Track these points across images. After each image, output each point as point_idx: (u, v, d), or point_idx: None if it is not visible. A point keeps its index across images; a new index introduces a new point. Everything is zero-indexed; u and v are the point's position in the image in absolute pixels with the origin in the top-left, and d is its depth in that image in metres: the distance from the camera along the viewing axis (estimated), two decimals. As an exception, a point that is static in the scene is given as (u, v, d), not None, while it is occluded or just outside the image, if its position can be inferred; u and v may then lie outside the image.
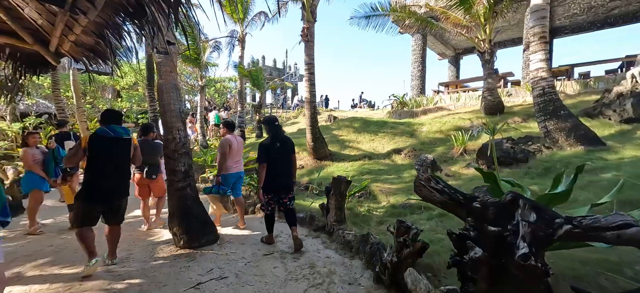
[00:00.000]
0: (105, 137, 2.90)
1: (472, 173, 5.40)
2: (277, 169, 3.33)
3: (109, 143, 2.91)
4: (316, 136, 7.54)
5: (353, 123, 9.87)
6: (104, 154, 2.89)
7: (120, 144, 2.98)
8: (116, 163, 2.96)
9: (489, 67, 8.39)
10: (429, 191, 1.83)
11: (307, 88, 7.33)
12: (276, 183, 3.35)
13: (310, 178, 6.74)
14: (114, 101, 15.91)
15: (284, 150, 3.41)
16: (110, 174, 2.90)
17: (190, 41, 10.39)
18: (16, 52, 3.70)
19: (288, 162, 3.46)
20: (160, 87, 3.59)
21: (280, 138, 3.44)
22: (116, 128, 2.97)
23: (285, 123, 17.95)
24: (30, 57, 3.78)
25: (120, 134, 2.98)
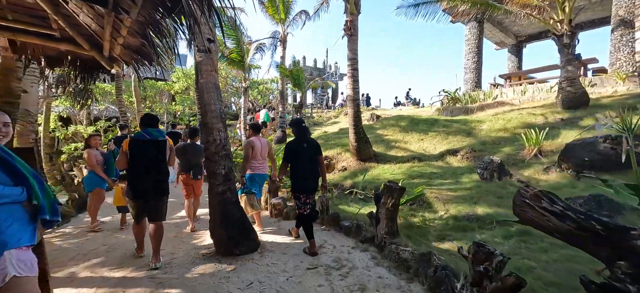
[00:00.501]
0: (142, 140, 3.08)
1: (554, 180, 4.45)
2: (305, 170, 3.36)
3: (145, 145, 3.08)
4: (360, 135, 7.06)
5: (399, 122, 9.14)
6: (141, 155, 3.05)
7: (155, 146, 3.12)
8: (151, 163, 3.09)
9: (569, 53, 7.03)
10: (539, 214, 1.28)
11: (350, 85, 6.89)
12: (303, 184, 3.36)
13: (354, 180, 6.29)
14: (169, 104, 17.23)
15: (309, 151, 3.43)
16: (146, 174, 3.06)
17: (234, 43, 10.64)
18: (76, 59, 3.92)
19: (314, 163, 3.46)
20: (200, 87, 3.47)
21: (306, 140, 3.46)
22: (151, 131, 3.13)
23: (325, 123, 17.70)
24: (88, 63, 3.98)
25: (155, 136, 3.12)
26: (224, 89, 18.67)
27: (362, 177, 6.10)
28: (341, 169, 7.26)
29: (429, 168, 6.27)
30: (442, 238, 3.33)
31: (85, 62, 4.00)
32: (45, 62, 3.82)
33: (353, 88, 6.87)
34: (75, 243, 3.84)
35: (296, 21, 11.92)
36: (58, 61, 3.85)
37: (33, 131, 5.73)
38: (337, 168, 7.45)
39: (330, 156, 7.74)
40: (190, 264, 3.14)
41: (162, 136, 3.22)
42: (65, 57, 3.84)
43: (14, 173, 1.54)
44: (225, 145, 3.46)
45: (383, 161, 7.07)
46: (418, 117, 9.48)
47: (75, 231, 4.36)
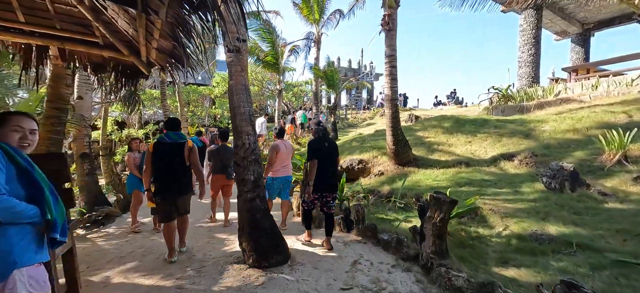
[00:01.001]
0: (164, 143, 3.31)
1: (650, 193, 3.56)
2: (326, 169, 3.44)
3: (166, 148, 3.29)
4: (398, 138, 6.53)
5: (442, 123, 8.36)
6: (163, 158, 3.26)
7: (175, 148, 3.31)
8: (173, 164, 3.28)
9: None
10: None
11: (388, 84, 6.41)
12: (324, 183, 3.44)
13: (392, 187, 5.79)
14: (210, 108, 18.08)
15: (330, 151, 3.53)
16: (168, 174, 3.26)
17: (269, 46, 10.70)
18: (118, 64, 4.07)
19: (334, 163, 3.58)
20: (230, 89, 3.33)
21: (327, 139, 3.58)
22: (172, 134, 3.35)
23: (360, 124, 17.19)
24: (128, 69, 4.11)
25: (174, 140, 3.33)
26: (260, 92, 19.13)
27: (401, 183, 5.59)
28: (377, 174, 6.79)
29: (478, 174, 5.54)
30: (505, 263, 2.77)
31: (126, 68, 4.14)
32: (91, 68, 4.00)
33: (391, 87, 6.38)
34: (115, 244, 3.96)
35: (330, 21, 11.67)
36: (102, 67, 4.02)
37: (87, 134, 6.20)
38: (373, 172, 6.99)
39: (366, 160, 7.31)
40: (219, 274, 3.00)
41: (181, 138, 3.40)
42: (108, 64, 4.00)
43: (31, 185, 1.44)
44: (254, 149, 3.28)
45: (424, 166, 6.46)
46: (464, 117, 8.60)
47: (117, 232, 4.53)
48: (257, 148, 3.33)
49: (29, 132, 1.55)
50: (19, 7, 3.05)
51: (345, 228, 4.11)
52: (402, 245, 3.28)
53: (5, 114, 1.54)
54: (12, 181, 1.38)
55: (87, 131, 6.12)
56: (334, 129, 11.67)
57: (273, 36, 10.44)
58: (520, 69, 11.08)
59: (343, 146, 8.80)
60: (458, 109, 16.47)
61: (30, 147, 1.58)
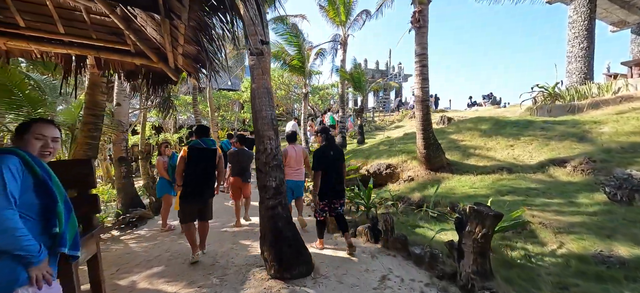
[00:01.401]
0: (198, 148, 3.44)
1: None
2: (332, 177, 3.50)
3: (200, 153, 3.43)
4: (429, 141, 6.10)
5: (478, 125, 7.72)
6: (196, 161, 3.41)
7: (207, 153, 3.46)
8: (205, 168, 3.44)
9: None
10: None
11: (419, 84, 6.02)
12: (331, 190, 3.50)
13: (423, 194, 5.40)
14: (239, 112, 18.62)
15: (337, 158, 3.59)
16: (200, 177, 3.41)
17: (295, 50, 10.70)
18: (149, 72, 4.21)
19: (341, 170, 3.64)
20: (252, 93, 3.25)
21: (333, 147, 3.63)
22: (206, 140, 3.49)
23: (388, 127, 16.64)
24: (158, 75, 4.24)
25: (208, 145, 3.47)
26: (287, 96, 19.32)
27: (434, 190, 5.19)
28: (407, 179, 6.41)
29: (523, 181, 4.97)
30: (564, 289, 2.35)
31: (156, 75, 4.28)
32: (124, 76, 4.17)
33: (421, 88, 5.99)
34: (144, 247, 4.05)
35: (357, 22, 11.42)
36: (134, 74, 4.17)
37: (124, 139, 6.55)
38: (402, 177, 6.62)
39: (394, 164, 6.95)
40: (240, 284, 2.90)
41: (214, 145, 3.56)
42: (139, 71, 4.15)
43: (47, 195, 1.41)
44: (276, 155, 3.16)
45: (459, 172, 5.97)
46: (504, 118, 7.88)
47: (148, 234, 4.66)
48: (279, 153, 3.22)
49: (51, 140, 1.52)
50: (59, 20, 3.24)
51: (372, 238, 3.85)
52: (436, 261, 2.97)
53: (28, 122, 1.53)
54: (28, 192, 1.34)
55: (124, 135, 6.46)
56: (361, 132, 11.37)
57: (299, 40, 10.42)
58: (570, 65, 9.97)
59: (370, 150, 8.49)
60: (495, 110, 15.30)
61: (51, 155, 1.55)
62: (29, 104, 4.44)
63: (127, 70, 4.17)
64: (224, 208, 6.12)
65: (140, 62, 3.97)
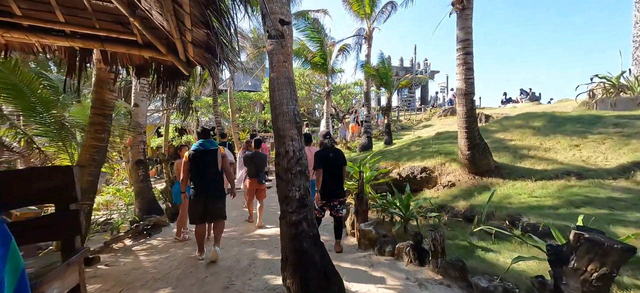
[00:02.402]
0: (198, 150, 3.51)
1: None
2: (331, 177, 3.71)
3: (201, 155, 3.51)
4: (474, 140, 5.26)
5: (529, 121, 6.70)
6: (198, 164, 3.48)
7: (208, 155, 3.53)
8: (206, 170, 3.50)
9: None
10: None
11: (462, 74, 5.21)
12: (329, 190, 3.72)
13: (470, 202, 4.61)
14: (260, 113, 18.41)
15: (336, 160, 3.78)
16: (203, 179, 3.48)
17: (317, 46, 10.16)
18: (160, 66, 3.82)
19: (339, 172, 3.82)
20: (271, 84, 2.70)
21: (332, 149, 3.84)
22: (205, 142, 3.57)
23: (415, 126, 15.65)
24: (169, 70, 3.84)
25: (207, 147, 3.55)
26: (308, 96, 18.86)
27: (484, 198, 4.37)
28: (447, 184, 5.60)
29: (601, 189, 4.03)
30: None
31: (167, 69, 3.88)
32: (133, 72, 3.81)
33: (466, 79, 5.18)
34: (155, 261, 3.65)
35: (382, 14, 10.67)
36: (144, 70, 3.80)
37: (142, 141, 6.31)
38: (440, 182, 5.82)
39: (430, 168, 6.15)
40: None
41: (214, 146, 3.63)
42: (149, 66, 3.78)
43: None
44: (300, 158, 2.58)
45: (511, 177, 5.08)
46: (561, 114, 6.79)
47: (161, 245, 4.28)
48: (303, 157, 2.63)
49: None
50: (58, 6, 2.91)
51: (415, 260, 3.16)
52: (511, 299, 2.23)
53: None
54: None
55: (142, 137, 6.22)
56: (388, 132, 10.58)
57: (321, 35, 9.87)
58: (637, 51, 8.56)
59: (400, 151, 7.72)
60: (533, 106, 13.81)
61: None
62: (41, 105, 4.21)
63: (136, 65, 3.80)
64: (233, 204, 6.02)
65: (149, 55, 3.59)
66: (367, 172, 5.95)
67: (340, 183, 3.83)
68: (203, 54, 3.23)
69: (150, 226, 4.84)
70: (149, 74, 3.84)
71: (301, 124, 2.71)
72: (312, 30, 9.85)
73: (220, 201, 3.56)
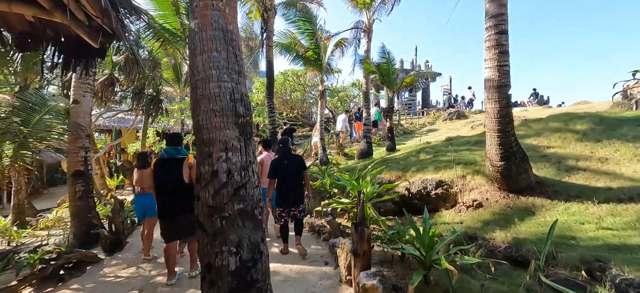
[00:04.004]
0: (162, 159, 3.11)
1: None
2: (287, 185, 3.62)
3: (164, 164, 3.08)
4: (510, 148, 3.99)
5: (569, 124, 5.41)
6: (161, 174, 3.08)
7: (172, 164, 3.08)
8: (170, 181, 3.04)
9: None
10: None
11: (494, 60, 3.96)
12: (286, 198, 3.63)
13: (512, 233, 3.33)
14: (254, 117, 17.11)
15: (292, 167, 3.67)
16: (166, 191, 3.06)
17: (308, 39, 8.93)
18: (58, 35, 2.55)
19: (298, 178, 3.72)
20: (190, 38, 1.42)
21: (289, 156, 3.73)
22: (169, 149, 3.15)
23: (418, 131, 14.42)
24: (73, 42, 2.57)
25: (172, 154, 3.12)
26: (303, 98, 17.61)
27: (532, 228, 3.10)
28: (471, 204, 4.33)
29: None
30: None
31: (71, 42, 2.62)
32: (14, 42, 2.52)
33: (499, 66, 3.92)
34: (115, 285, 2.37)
35: (384, 4, 9.47)
36: (32, 40, 2.52)
37: (84, 147, 4.98)
38: (462, 201, 4.54)
39: (447, 181, 4.88)
40: None
41: (180, 153, 3.18)
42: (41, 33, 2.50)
43: None
44: (241, 186, 1.29)
45: (560, 197, 3.82)
46: (612, 114, 5.51)
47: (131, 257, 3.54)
48: (253, 178, 1.34)
49: None
50: None
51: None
52: None
53: None
54: None
55: (83, 142, 4.89)
56: (391, 137, 9.31)
57: (313, 26, 8.65)
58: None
59: (407, 160, 6.44)
60: (542, 109, 12.66)
61: None
62: None
63: (17, 31, 2.53)
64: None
65: (32, 14, 2.30)
66: (368, 187, 4.67)
67: (299, 192, 3.73)
68: (98, 6, 1.97)
69: (72, 266, 3.50)
70: (39, 46, 2.54)
71: (248, 121, 1.41)
72: (303, 20, 8.63)
73: (189, 215, 3.01)
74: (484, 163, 5.13)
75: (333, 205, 4.90)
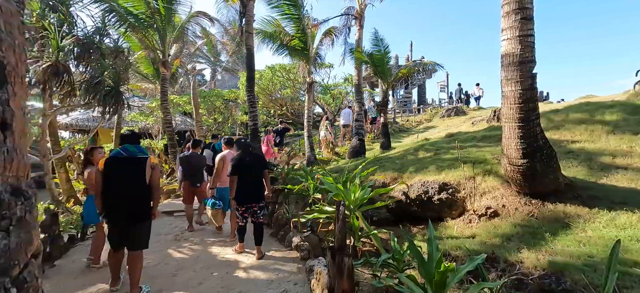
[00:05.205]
0: (118, 157, 2.81)
1: None
2: (247, 183, 3.68)
3: (121, 164, 2.79)
4: (535, 142, 3.15)
5: (596, 114, 4.56)
6: (116, 175, 2.75)
7: (132, 164, 2.80)
8: (128, 183, 2.77)
9: None
10: None
11: (514, 29, 3.10)
12: (247, 195, 3.68)
13: (544, 254, 2.49)
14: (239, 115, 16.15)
15: (253, 165, 3.74)
16: (122, 195, 2.76)
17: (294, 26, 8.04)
18: None
19: (258, 176, 3.79)
20: None
21: (250, 154, 3.81)
22: (129, 147, 2.83)
23: (415, 129, 13.64)
24: None
25: (133, 153, 2.81)
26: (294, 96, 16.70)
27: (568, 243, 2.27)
28: (485, 212, 3.48)
29: None
30: None
31: None
32: None
33: (521, 37, 3.07)
34: None
35: (377, -13, 8.63)
36: None
37: None
38: (472, 208, 3.69)
39: (453, 184, 4.03)
40: None
41: (143, 153, 2.89)
42: None
43: None
44: None
45: (599, 204, 2.99)
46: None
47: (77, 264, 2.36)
48: None
49: None
50: None
51: None
52: None
53: None
54: None
55: None
56: (385, 133, 8.46)
57: (299, 11, 7.76)
58: None
59: (404, 159, 5.58)
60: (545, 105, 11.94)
61: None
62: None
63: None
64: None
65: None
66: (356, 192, 3.78)
67: (260, 188, 3.81)
68: None
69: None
70: None
71: None
72: (287, 4, 7.73)
73: (142, 225, 2.85)
74: (496, 161, 4.29)
75: (314, 214, 4.00)
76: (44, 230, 3.99)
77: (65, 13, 6.00)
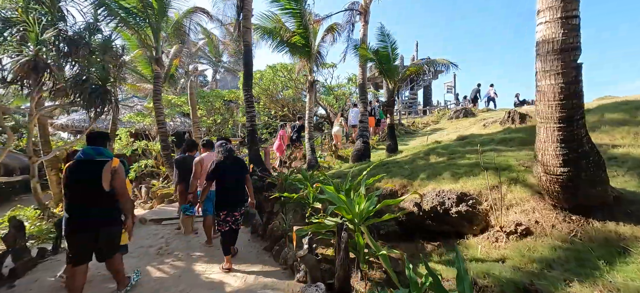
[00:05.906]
0: (77, 161, 2.63)
1: None
2: (228, 187, 3.51)
3: (77, 169, 2.59)
4: (580, 147, 2.61)
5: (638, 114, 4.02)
6: (74, 179, 2.57)
7: (88, 167, 2.58)
8: (85, 187, 2.56)
9: None
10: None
11: (555, 10, 2.56)
12: (227, 201, 3.50)
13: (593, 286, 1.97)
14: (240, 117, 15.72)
15: (234, 169, 3.57)
16: (79, 200, 2.57)
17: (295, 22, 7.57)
18: None
19: (239, 180, 3.63)
20: None
21: (231, 158, 3.59)
22: (88, 149, 2.63)
23: (422, 130, 13.06)
24: None
25: (90, 156, 2.61)
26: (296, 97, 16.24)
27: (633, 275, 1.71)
28: (515, 230, 2.93)
29: None
30: None
31: None
32: None
33: (563, 19, 2.54)
34: None
35: (383, -19, 8.11)
36: None
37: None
38: (497, 223, 3.14)
39: (473, 194, 3.49)
40: None
41: (101, 155, 2.64)
42: None
43: None
44: None
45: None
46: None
47: None
48: None
49: None
50: None
51: None
52: None
53: None
54: None
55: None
56: (392, 135, 7.91)
57: (300, 5, 7.28)
58: None
59: (414, 164, 5.05)
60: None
61: None
62: None
63: None
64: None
65: None
66: (361, 203, 3.25)
67: (241, 193, 3.65)
68: None
69: None
70: None
71: None
72: None
73: (109, 230, 2.61)
74: (523, 167, 3.74)
75: (312, 226, 3.46)
76: (6, 244, 3.53)
77: (49, 5, 5.62)
